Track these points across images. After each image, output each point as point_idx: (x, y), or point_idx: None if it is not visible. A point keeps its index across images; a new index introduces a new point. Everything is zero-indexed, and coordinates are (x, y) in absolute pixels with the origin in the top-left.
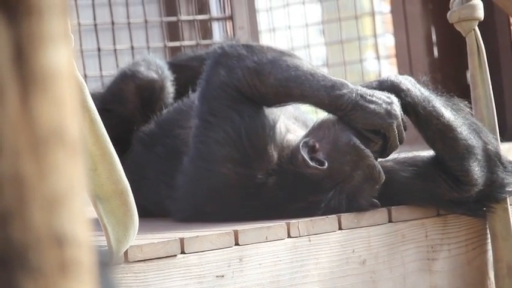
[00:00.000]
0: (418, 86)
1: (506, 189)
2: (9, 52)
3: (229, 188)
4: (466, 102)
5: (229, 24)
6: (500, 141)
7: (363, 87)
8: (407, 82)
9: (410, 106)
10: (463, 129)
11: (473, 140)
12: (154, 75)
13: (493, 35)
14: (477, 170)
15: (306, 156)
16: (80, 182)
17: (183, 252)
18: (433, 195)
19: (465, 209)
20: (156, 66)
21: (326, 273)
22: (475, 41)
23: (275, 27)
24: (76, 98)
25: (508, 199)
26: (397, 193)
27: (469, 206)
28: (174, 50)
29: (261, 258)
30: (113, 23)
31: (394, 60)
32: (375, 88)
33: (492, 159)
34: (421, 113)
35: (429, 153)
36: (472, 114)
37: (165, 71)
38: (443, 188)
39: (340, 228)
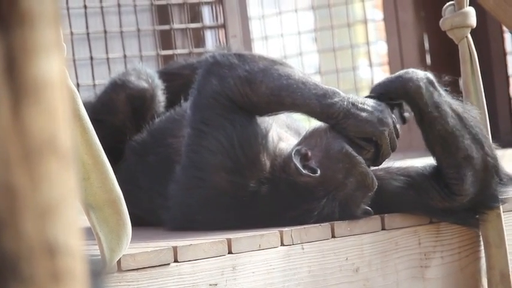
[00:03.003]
0: (431, 87)
1: (499, 197)
2: (1, 62)
3: (222, 197)
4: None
5: (221, 32)
6: None
7: (384, 79)
8: (421, 83)
9: (416, 107)
10: (465, 138)
11: (473, 151)
12: (144, 85)
13: (486, 42)
14: (471, 181)
15: (298, 164)
16: (73, 191)
17: (176, 261)
18: (425, 205)
19: (457, 218)
20: (147, 75)
21: (319, 281)
22: (468, 48)
23: (268, 35)
24: (68, 108)
25: (501, 206)
26: (389, 202)
27: (461, 215)
28: (167, 59)
29: (254, 267)
30: (105, 32)
31: (387, 67)
32: (392, 80)
33: (489, 171)
34: (426, 116)
35: (422, 162)
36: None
37: (156, 80)
38: (436, 199)
39: (333, 236)
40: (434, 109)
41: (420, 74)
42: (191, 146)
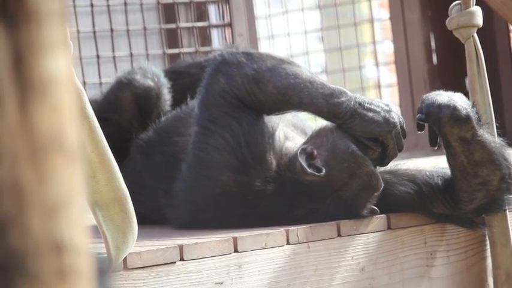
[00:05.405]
0: (464, 124)
1: (506, 204)
2: (9, 59)
3: (227, 195)
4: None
5: (228, 31)
6: None
7: (430, 99)
8: (454, 120)
9: (445, 138)
10: (486, 166)
11: (491, 176)
12: (150, 83)
13: (492, 41)
14: (480, 199)
15: (303, 163)
16: (79, 189)
17: (182, 259)
18: (429, 211)
19: (463, 221)
20: (152, 73)
21: (325, 280)
22: (474, 47)
23: (274, 34)
24: (75, 105)
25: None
26: (393, 205)
27: (465, 218)
28: (173, 57)
29: (260, 265)
30: (112, 30)
31: (393, 67)
32: (431, 106)
33: (502, 190)
34: (451, 147)
35: (429, 162)
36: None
37: (161, 78)
38: (439, 208)
39: (339, 235)
40: (461, 142)
41: (458, 108)
42: (198, 144)
